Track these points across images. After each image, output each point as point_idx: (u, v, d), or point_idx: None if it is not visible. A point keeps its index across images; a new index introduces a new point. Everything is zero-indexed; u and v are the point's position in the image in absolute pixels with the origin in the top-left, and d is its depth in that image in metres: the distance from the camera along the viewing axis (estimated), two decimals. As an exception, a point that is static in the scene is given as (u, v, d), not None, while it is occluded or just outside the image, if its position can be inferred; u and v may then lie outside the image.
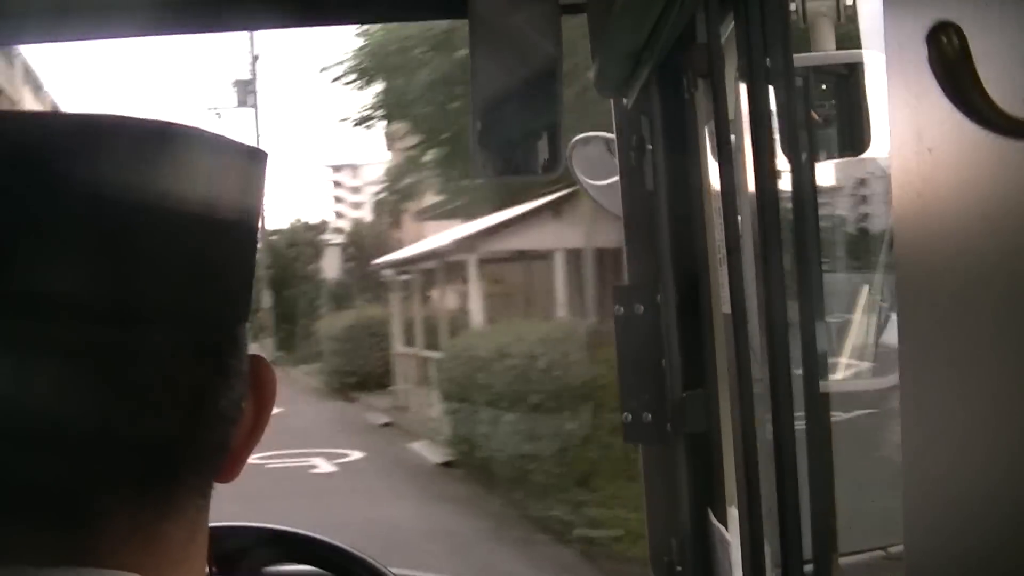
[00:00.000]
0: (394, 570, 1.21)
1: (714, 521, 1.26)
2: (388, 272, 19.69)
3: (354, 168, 56.86)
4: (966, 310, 0.49)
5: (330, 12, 1.43)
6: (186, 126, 0.52)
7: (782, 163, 0.84)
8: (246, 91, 30.34)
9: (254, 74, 30.88)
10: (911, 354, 0.55)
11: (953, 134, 0.46)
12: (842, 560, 0.93)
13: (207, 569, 0.56)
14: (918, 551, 0.54)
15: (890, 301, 1.27)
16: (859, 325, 1.31)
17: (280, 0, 1.33)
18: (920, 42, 0.42)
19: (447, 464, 11.55)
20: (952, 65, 0.41)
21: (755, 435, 0.91)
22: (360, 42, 15.26)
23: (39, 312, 0.47)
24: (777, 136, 0.84)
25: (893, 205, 0.55)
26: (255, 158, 0.56)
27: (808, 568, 0.83)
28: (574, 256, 13.55)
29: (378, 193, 27.76)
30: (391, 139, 21.46)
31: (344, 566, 1.19)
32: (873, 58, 1.11)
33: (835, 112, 1.19)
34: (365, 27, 14.14)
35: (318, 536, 1.22)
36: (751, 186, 0.88)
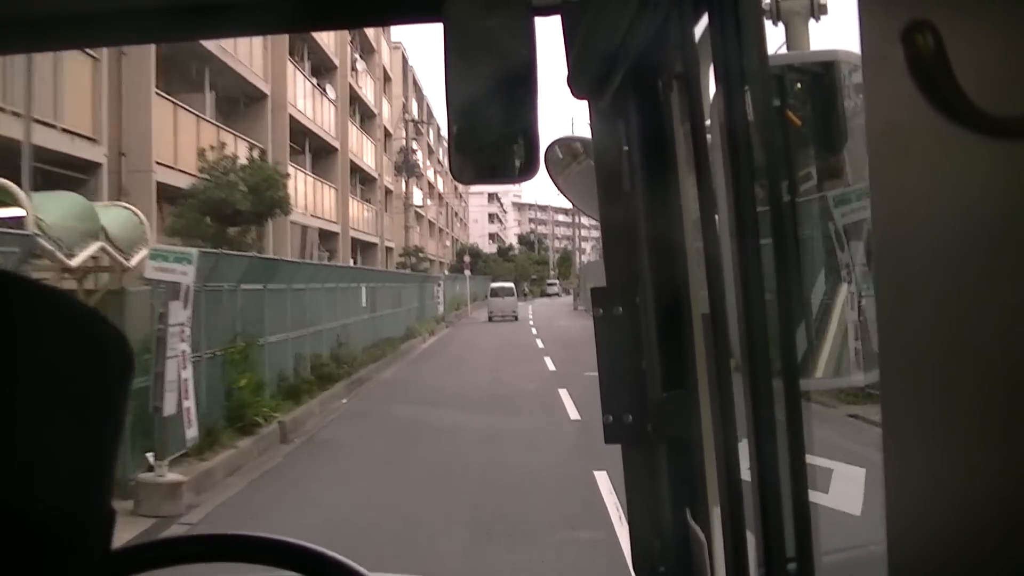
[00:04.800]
0: (373, 574, 1.19)
1: (691, 522, 1.26)
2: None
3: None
4: (945, 306, 0.49)
5: (306, 18, 1.43)
6: None
7: (759, 163, 0.83)
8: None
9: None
10: (891, 351, 0.55)
11: (929, 132, 0.46)
12: (825, 558, 0.93)
13: None
14: (901, 549, 0.54)
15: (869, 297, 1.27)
16: (839, 323, 1.31)
17: (257, 9, 1.32)
18: (896, 41, 0.42)
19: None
20: (928, 64, 0.41)
21: (736, 435, 0.91)
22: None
23: None
24: (753, 136, 0.83)
25: (871, 202, 0.55)
26: None
27: (791, 567, 0.82)
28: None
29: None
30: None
31: (321, 570, 1.17)
32: (849, 57, 1.11)
33: (811, 111, 1.18)
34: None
35: (294, 541, 1.19)
36: (728, 186, 0.87)
